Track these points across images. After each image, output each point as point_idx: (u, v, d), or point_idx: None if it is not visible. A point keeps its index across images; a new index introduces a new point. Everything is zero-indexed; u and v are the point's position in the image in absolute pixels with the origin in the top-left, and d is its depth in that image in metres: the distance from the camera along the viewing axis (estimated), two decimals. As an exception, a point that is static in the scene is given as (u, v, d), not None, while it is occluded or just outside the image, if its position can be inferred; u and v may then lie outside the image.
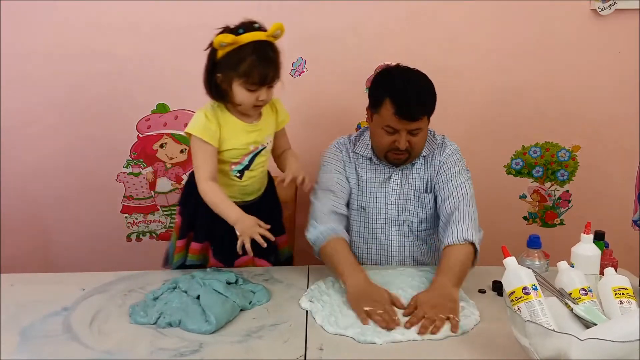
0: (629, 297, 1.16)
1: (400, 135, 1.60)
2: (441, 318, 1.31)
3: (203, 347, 1.24)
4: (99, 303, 1.44)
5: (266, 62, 1.45)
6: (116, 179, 2.17)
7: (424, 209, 1.72)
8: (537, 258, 1.47)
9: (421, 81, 1.61)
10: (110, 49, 2.03)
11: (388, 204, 1.73)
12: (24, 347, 1.24)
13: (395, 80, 1.61)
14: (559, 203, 2.29)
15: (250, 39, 1.43)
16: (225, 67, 1.46)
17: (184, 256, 1.67)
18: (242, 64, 1.43)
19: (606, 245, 1.58)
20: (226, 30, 1.46)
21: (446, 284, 1.44)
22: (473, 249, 1.55)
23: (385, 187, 1.73)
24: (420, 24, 2.07)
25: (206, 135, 1.50)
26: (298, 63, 2.07)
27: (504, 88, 2.15)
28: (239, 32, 1.44)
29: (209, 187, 1.51)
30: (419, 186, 1.72)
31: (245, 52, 1.43)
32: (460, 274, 1.48)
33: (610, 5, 2.05)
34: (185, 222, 1.66)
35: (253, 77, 1.44)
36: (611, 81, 2.15)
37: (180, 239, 1.67)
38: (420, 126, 1.59)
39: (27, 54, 2.02)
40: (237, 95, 1.48)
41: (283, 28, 1.46)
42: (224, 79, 1.48)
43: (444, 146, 1.73)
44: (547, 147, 2.22)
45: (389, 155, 1.66)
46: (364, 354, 1.22)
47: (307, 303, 1.43)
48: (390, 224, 1.74)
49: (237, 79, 1.46)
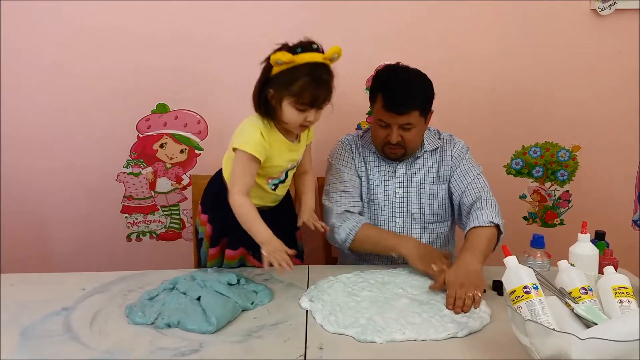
0: (629, 296, 1.16)
1: (392, 129, 1.65)
2: (470, 297, 1.38)
3: (203, 346, 1.24)
4: (99, 303, 1.44)
5: (319, 84, 1.44)
6: (116, 179, 2.17)
7: (435, 200, 1.77)
8: (540, 258, 1.47)
9: (413, 77, 1.66)
10: (110, 49, 2.03)
11: (396, 197, 1.77)
12: (24, 347, 1.24)
13: (388, 75, 1.68)
14: (559, 203, 2.29)
15: (306, 60, 1.42)
16: (278, 84, 1.45)
17: (219, 261, 1.69)
18: (295, 84, 1.43)
19: (607, 245, 1.58)
20: (284, 48, 1.45)
21: (472, 260, 1.50)
22: (497, 232, 1.61)
23: (392, 181, 1.77)
24: (420, 24, 2.07)
25: (257, 152, 1.49)
26: (298, 63, 2.06)
27: (504, 88, 2.15)
28: (296, 52, 1.42)
29: (243, 202, 1.51)
30: (428, 178, 1.77)
31: (300, 72, 1.42)
32: (485, 251, 1.54)
33: (610, 5, 2.05)
34: (217, 230, 1.67)
35: (304, 98, 1.44)
36: (611, 81, 2.15)
37: (213, 246, 1.68)
38: (410, 121, 1.63)
39: (27, 54, 2.03)
40: (286, 113, 1.47)
41: (340, 52, 1.45)
42: (274, 96, 1.47)
43: (454, 142, 1.79)
44: (547, 147, 2.22)
45: (385, 149, 1.72)
46: (364, 353, 1.22)
47: (307, 302, 1.43)
48: (398, 217, 1.77)
49: (288, 98, 1.45)
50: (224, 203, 1.58)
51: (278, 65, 1.43)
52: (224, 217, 1.61)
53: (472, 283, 1.41)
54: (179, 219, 2.24)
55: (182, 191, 2.20)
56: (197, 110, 2.11)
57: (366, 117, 2.15)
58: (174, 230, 2.25)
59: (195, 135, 2.14)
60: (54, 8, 1.99)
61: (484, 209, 1.62)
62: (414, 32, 2.08)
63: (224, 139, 2.11)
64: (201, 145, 2.15)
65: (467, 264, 1.48)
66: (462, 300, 1.37)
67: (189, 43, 2.04)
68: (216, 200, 1.65)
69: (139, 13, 2.01)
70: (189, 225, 2.23)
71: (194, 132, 2.14)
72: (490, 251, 1.58)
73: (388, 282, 1.52)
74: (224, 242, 1.68)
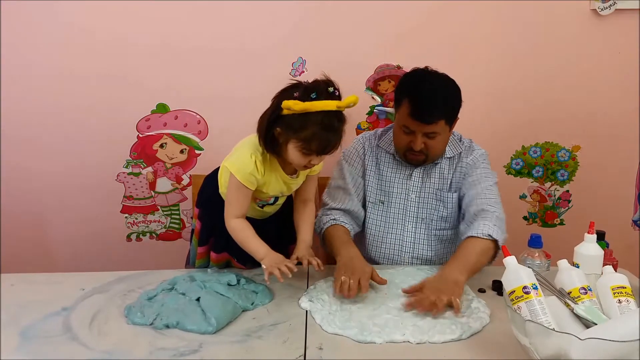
0: (628, 295, 1.16)
1: (415, 136, 1.61)
2: (442, 300, 1.33)
3: (203, 346, 1.24)
4: (98, 303, 1.44)
5: (329, 134, 1.39)
6: (116, 179, 2.17)
7: (445, 207, 1.74)
8: (538, 258, 1.47)
9: (441, 85, 1.61)
10: (110, 49, 2.03)
11: (408, 200, 1.75)
12: (24, 347, 1.24)
13: (416, 81, 1.64)
14: (559, 203, 2.29)
15: (320, 108, 1.37)
16: (286, 125, 1.40)
17: (206, 261, 1.69)
18: (305, 131, 1.38)
19: (607, 245, 1.58)
20: (299, 89, 1.39)
21: (453, 269, 1.45)
22: (494, 246, 1.55)
23: (407, 184, 1.75)
24: (420, 24, 2.07)
25: (248, 182, 1.48)
26: (298, 63, 2.07)
27: (503, 88, 2.15)
28: (311, 97, 1.37)
29: (238, 225, 1.51)
30: (442, 185, 1.74)
31: (310, 120, 1.37)
32: (472, 264, 1.49)
33: (610, 5, 2.04)
34: (205, 228, 1.67)
35: (312, 146, 1.40)
36: (611, 81, 2.15)
37: (201, 245, 1.68)
38: (435, 130, 1.60)
39: (27, 54, 2.02)
40: (291, 154, 1.43)
41: (357, 101, 1.41)
42: (282, 134, 1.43)
43: (472, 149, 1.75)
44: (547, 147, 2.22)
45: (407, 154, 1.68)
46: (363, 353, 1.22)
47: (307, 303, 1.43)
48: (407, 220, 1.76)
49: (295, 142, 1.41)
50: (213, 204, 1.58)
51: (290, 111, 1.38)
52: (212, 218, 1.61)
53: (448, 290, 1.37)
54: (179, 219, 2.24)
55: (182, 191, 2.20)
56: (197, 110, 2.11)
57: (366, 117, 2.15)
58: (174, 230, 2.25)
59: (195, 135, 2.14)
60: (53, 9, 1.99)
61: (486, 220, 1.56)
62: (414, 32, 2.07)
63: (224, 139, 2.11)
64: (201, 145, 2.15)
65: (447, 273, 1.44)
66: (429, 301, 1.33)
67: (189, 43, 2.04)
68: (208, 200, 1.65)
69: (139, 13, 2.01)
70: (189, 225, 2.23)
71: (194, 132, 2.14)
72: (480, 265, 1.52)
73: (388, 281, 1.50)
74: (211, 243, 1.67)
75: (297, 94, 1.38)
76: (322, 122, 1.37)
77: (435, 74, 1.64)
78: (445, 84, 1.62)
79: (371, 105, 2.13)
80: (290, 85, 1.44)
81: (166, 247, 2.26)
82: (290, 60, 2.06)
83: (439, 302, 1.33)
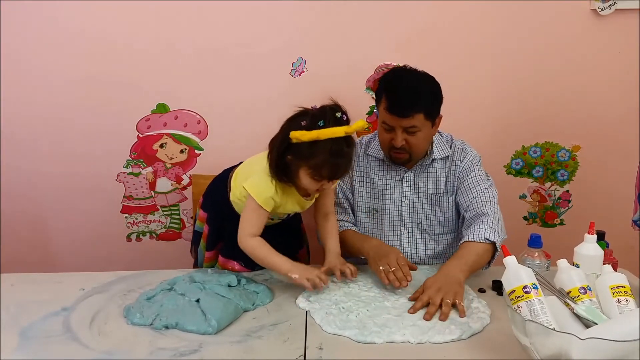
0: (627, 295, 1.16)
1: (396, 132, 1.61)
2: (447, 303, 1.34)
3: (203, 347, 1.24)
4: (98, 303, 1.44)
5: (339, 160, 1.40)
6: (116, 179, 2.17)
7: (441, 212, 1.73)
8: (538, 257, 1.47)
9: (418, 80, 1.62)
10: (110, 49, 2.03)
11: (402, 206, 1.74)
12: (24, 347, 1.24)
13: (392, 77, 1.65)
14: (559, 203, 2.29)
15: (328, 136, 1.37)
16: (296, 153, 1.41)
17: (213, 264, 1.70)
18: (315, 159, 1.39)
19: (606, 245, 1.58)
20: (307, 117, 1.40)
21: (453, 268, 1.46)
22: (492, 249, 1.56)
23: (399, 189, 1.74)
24: (420, 24, 2.07)
25: (267, 205, 1.49)
26: (298, 63, 2.07)
27: (503, 88, 2.15)
28: (318, 125, 1.37)
29: (255, 243, 1.50)
30: (436, 189, 1.72)
31: (320, 148, 1.37)
32: (471, 264, 1.49)
33: (610, 5, 2.04)
34: (213, 234, 1.68)
35: (322, 172, 1.41)
36: (611, 81, 2.15)
37: (209, 249, 1.69)
38: (414, 124, 1.58)
39: (27, 55, 2.02)
40: (302, 180, 1.45)
41: (365, 125, 1.42)
42: (292, 161, 1.43)
43: (465, 152, 1.73)
44: (547, 147, 2.22)
45: (391, 153, 1.67)
46: (363, 353, 1.22)
47: (306, 303, 1.43)
48: (403, 226, 1.75)
49: (306, 169, 1.42)
50: (222, 210, 1.58)
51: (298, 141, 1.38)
52: (221, 223, 1.61)
53: (450, 289, 1.37)
54: (179, 219, 2.24)
55: (182, 191, 2.20)
56: (197, 110, 2.11)
57: (366, 117, 2.15)
58: (174, 230, 2.25)
59: (195, 135, 2.14)
60: (53, 10, 1.99)
61: (483, 224, 1.57)
62: (414, 32, 2.07)
63: (224, 139, 2.12)
64: (201, 145, 2.15)
65: (447, 271, 1.45)
66: (435, 306, 1.34)
67: (189, 43, 2.04)
68: (216, 205, 1.65)
69: (139, 14, 2.01)
70: (189, 225, 2.23)
71: (194, 132, 2.14)
72: (479, 265, 1.54)
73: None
74: (219, 246, 1.68)
75: (304, 122, 1.38)
76: (331, 149, 1.38)
77: (413, 71, 1.65)
78: (422, 79, 1.63)
79: (371, 105, 2.12)
80: (298, 113, 1.43)
81: (166, 247, 2.26)
82: (290, 60, 2.06)
83: (445, 306, 1.34)
